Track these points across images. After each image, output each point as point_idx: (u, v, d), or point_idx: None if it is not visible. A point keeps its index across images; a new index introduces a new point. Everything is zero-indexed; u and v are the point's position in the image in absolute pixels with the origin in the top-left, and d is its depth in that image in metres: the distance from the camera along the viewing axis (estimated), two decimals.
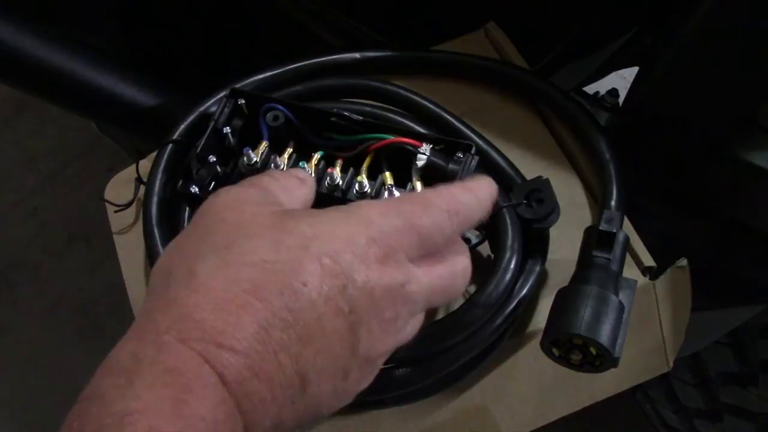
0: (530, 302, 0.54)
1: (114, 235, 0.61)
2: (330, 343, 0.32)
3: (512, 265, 0.50)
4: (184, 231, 0.36)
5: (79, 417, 0.29)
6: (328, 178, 0.51)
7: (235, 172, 0.55)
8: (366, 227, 0.35)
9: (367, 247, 0.34)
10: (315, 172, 0.52)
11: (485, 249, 0.55)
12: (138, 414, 0.28)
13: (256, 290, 0.31)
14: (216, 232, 0.34)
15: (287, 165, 0.52)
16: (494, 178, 0.54)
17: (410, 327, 0.38)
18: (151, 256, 0.54)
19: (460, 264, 0.40)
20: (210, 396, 0.29)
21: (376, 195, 0.51)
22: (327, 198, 0.52)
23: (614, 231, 0.50)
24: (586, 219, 0.58)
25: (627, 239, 0.51)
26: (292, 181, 0.41)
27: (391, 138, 0.52)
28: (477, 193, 0.41)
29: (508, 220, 0.51)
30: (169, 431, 0.27)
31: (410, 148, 0.51)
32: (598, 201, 0.57)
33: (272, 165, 0.52)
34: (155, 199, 0.55)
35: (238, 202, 0.36)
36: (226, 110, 0.54)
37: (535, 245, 0.53)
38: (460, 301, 0.52)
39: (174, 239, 0.36)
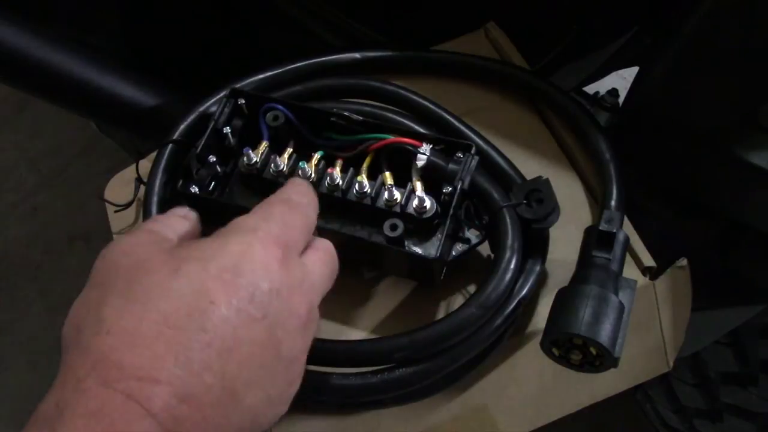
0: (530, 302, 0.54)
1: (114, 235, 0.61)
2: (251, 351, 0.33)
3: (512, 265, 0.50)
4: (85, 288, 0.37)
5: None
6: (328, 178, 0.51)
7: (234, 172, 0.55)
8: (255, 234, 0.36)
9: (264, 251, 0.35)
10: (315, 172, 0.52)
11: (485, 249, 0.55)
12: None
13: (165, 319, 0.32)
14: (116, 278, 0.35)
15: (287, 165, 0.52)
16: (494, 178, 0.55)
17: (319, 314, 0.39)
18: None
19: (327, 244, 0.43)
20: (137, 429, 0.29)
21: (376, 195, 0.51)
22: (327, 198, 0.52)
23: (614, 231, 0.50)
24: (586, 219, 0.58)
25: (627, 239, 0.51)
26: (174, 220, 0.43)
27: (391, 138, 0.52)
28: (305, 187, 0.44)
29: (508, 220, 0.51)
30: None
31: (410, 148, 0.51)
32: (598, 201, 0.57)
33: (272, 165, 0.52)
34: (155, 199, 0.55)
35: (129, 246, 0.37)
36: (226, 110, 0.54)
37: (535, 245, 0.53)
38: (461, 301, 0.52)
39: (77, 299, 0.36)
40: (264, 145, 0.53)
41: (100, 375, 0.30)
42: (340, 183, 0.51)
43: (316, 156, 0.53)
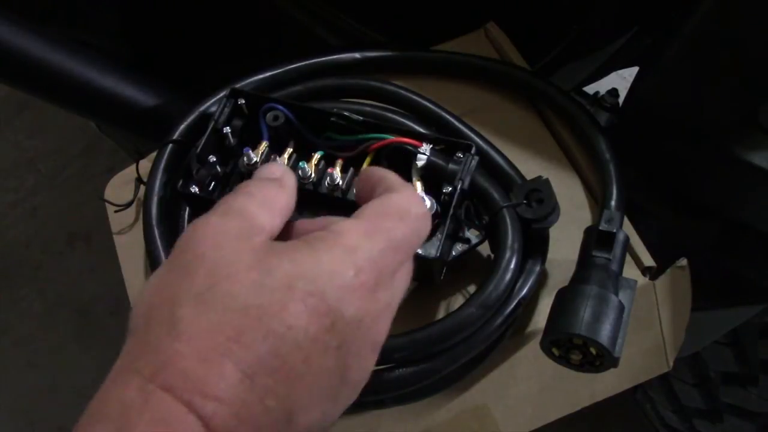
0: (530, 302, 0.54)
1: (114, 235, 0.61)
2: (319, 379, 0.32)
3: (512, 265, 0.50)
4: (163, 267, 0.35)
5: None
6: (328, 178, 0.51)
7: (235, 172, 0.55)
8: (351, 256, 0.34)
9: (356, 278, 0.33)
10: (315, 172, 0.52)
11: (485, 249, 0.55)
12: None
13: (238, 337, 0.31)
14: (196, 272, 0.33)
15: (287, 165, 0.52)
16: (494, 178, 0.55)
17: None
18: (151, 256, 0.54)
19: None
20: None
21: None
22: (327, 198, 0.52)
23: (614, 231, 0.50)
24: (586, 219, 0.58)
25: (627, 239, 0.51)
26: (269, 191, 0.39)
27: (391, 138, 0.52)
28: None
29: (508, 220, 0.51)
30: None
31: (410, 148, 0.51)
32: (598, 201, 0.57)
33: None
34: (155, 199, 0.55)
35: (219, 236, 0.35)
36: (226, 110, 0.54)
37: (535, 245, 0.53)
38: (461, 301, 0.52)
39: (153, 275, 0.35)
40: (264, 145, 0.53)
41: (165, 380, 0.30)
42: (341, 183, 0.51)
43: (316, 156, 0.53)
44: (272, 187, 0.39)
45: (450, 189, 0.49)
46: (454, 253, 0.52)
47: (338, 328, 0.32)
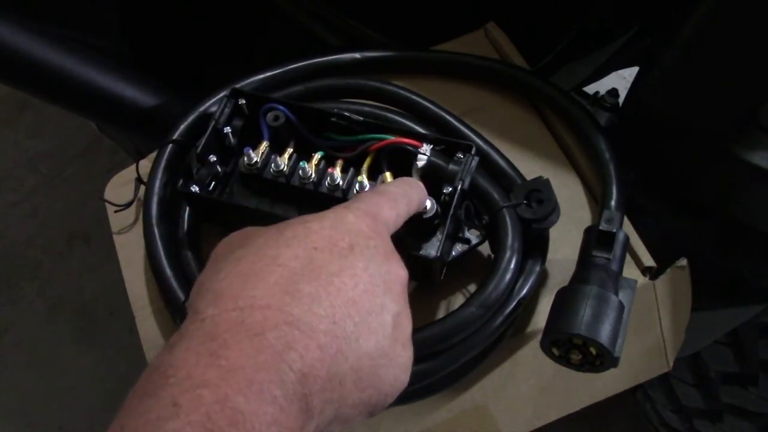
0: (530, 302, 0.54)
1: (114, 235, 0.61)
2: (362, 297, 0.35)
3: (512, 265, 0.50)
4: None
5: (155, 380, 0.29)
6: (328, 179, 0.51)
7: (235, 172, 0.55)
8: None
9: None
10: (315, 173, 0.52)
11: (485, 249, 0.55)
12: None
13: (275, 259, 0.34)
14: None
15: (287, 165, 0.52)
16: (494, 179, 0.55)
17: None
18: (151, 255, 0.54)
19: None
20: (247, 347, 0.30)
21: None
22: (327, 198, 0.52)
23: (614, 231, 0.50)
24: (586, 219, 0.58)
25: (627, 239, 0.51)
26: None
27: (392, 138, 0.52)
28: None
29: (508, 220, 0.51)
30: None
31: (410, 148, 0.51)
32: (598, 201, 0.57)
33: (272, 165, 0.52)
34: (155, 198, 0.55)
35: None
36: (227, 110, 0.54)
37: (535, 245, 0.53)
38: (461, 301, 0.52)
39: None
40: (264, 145, 0.53)
41: (217, 306, 0.32)
42: (341, 183, 0.51)
43: (317, 156, 0.53)
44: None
45: (450, 189, 0.49)
46: (454, 253, 0.52)
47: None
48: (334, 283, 0.34)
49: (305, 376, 0.31)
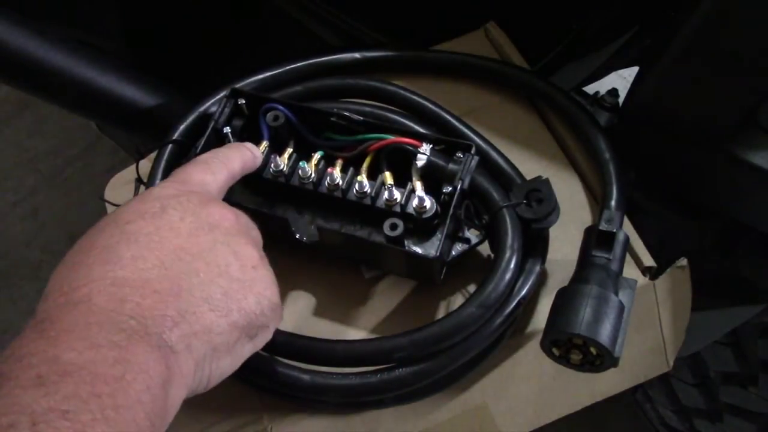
0: (530, 302, 0.54)
1: None
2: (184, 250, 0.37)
3: (512, 265, 0.50)
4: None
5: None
6: (328, 178, 0.51)
7: None
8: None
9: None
10: (315, 172, 0.52)
11: (485, 249, 0.55)
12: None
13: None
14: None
15: (287, 165, 0.52)
16: (494, 178, 0.55)
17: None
18: None
19: None
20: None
21: (376, 195, 0.51)
22: (327, 198, 0.52)
23: (614, 231, 0.50)
24: (586, 219, 0.58)
25: (627, 239, 0.51)
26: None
27: (391, 138, 0.52)
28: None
29: (508, 220, 0.51)
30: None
31: (410, 148, 0.51)
32: (598, 201, 0.57)
33: (272, 165, 0.52)
34: None
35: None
36: (226, 110, 0.54)
37: (535, 245, 0.53)
38: (461, 301, 0.52)
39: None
40: (264, 145, 0.53)
41: (46, 300, 0.34)
42: (340, 183, 0.51)
43: (316, 156, 0.53)
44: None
45: (450, 189, 0.49)
46: (454, 253, 0.52)
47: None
48: (153, 239, 0.36)
49: (150, 318, 0.33)
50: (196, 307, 0.35)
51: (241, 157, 0.48)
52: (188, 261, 0.36)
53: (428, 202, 0.50)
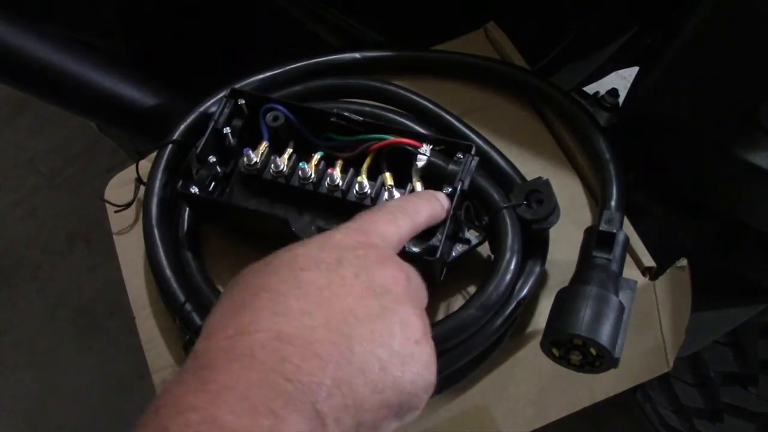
0: (530, 303, 0.54)
1: (114, 235, 0.61)
2: (352, 305, 0.35)
3: (512, 266, 0.50)
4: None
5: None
6: (328, 179, 0.51)
7: (235, 173, 0.55)
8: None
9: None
10: (315, 173, 0.52)
11: (485, 249, 0.55)
12: None
13: (264, 286, 0.35)
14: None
15: (287, 165, 0.52)
16: (494, 179, 0.55)
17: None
18: (151, 255, 0.54)
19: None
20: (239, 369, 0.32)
21: (377, 195, 0.51)
22: (327, 198, 0.52)
23: (614, 231, 0.50)
24: (586, 219, 0.58)
25: (627, 239, 0.51)
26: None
27: (392, 138, 0.52)
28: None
29: (508, 221, 0.51)
30: None
31: (410, 148, 0.51)
32: (598, 201, 0.57)
33: (272, 165, 0.52)
34: (155, 199, 0.55)
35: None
36: (226, 110, 0.54)
37: (535, 246, 0.53)
38: (461, 302, 0.52)
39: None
40: (264, 146, 0.53)
41: (208, 339, 0.33)
42: (341, 183, 0.51)
43: (316, 156, 0.53)
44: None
45: (450, 190, 0.49)
46: (454, 254, 0.52)
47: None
48: (325, 295, 0.34)
49: (306, 384, 0.31)
50: (352, 377, 0.32)
51: (430, 209, 0.46)
52: (353, 325, 0.34)
53: None
